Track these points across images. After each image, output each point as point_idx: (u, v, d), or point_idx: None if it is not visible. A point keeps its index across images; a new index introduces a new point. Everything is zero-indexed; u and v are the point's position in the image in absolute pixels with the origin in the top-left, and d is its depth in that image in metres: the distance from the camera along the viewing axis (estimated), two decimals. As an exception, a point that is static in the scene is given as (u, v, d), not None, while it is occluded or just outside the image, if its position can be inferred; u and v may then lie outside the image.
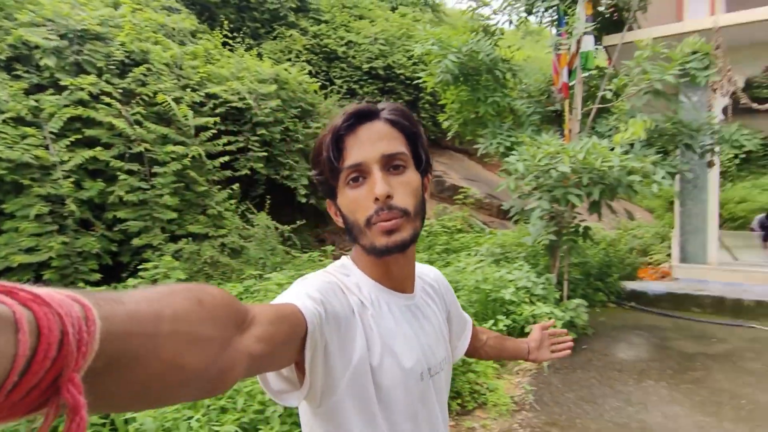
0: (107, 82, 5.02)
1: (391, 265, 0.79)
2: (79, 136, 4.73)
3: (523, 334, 4.65)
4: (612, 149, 4.46)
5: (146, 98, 5.13)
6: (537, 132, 5.85)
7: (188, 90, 5.56)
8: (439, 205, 10.31)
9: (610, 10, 6.54)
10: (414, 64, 9.95)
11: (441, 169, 10.33)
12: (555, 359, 1.30)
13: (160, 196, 4.91)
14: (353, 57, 9.93)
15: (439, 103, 6.88)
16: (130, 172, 4.86)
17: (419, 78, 6.26)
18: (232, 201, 5.55)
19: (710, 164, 6.01)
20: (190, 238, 4.92)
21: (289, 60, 9.09)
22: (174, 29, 6.20)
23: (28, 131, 4.45)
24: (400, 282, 0.82)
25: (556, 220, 5.41)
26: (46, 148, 4.50)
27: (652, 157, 4.56)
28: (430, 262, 6.71)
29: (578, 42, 5.68)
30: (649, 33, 6.25)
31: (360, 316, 0.72)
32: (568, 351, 1.23)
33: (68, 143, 4.62)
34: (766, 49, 6.35)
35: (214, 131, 5.51)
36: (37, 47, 4.76)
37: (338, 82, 9.59)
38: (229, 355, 0.44)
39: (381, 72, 10.03)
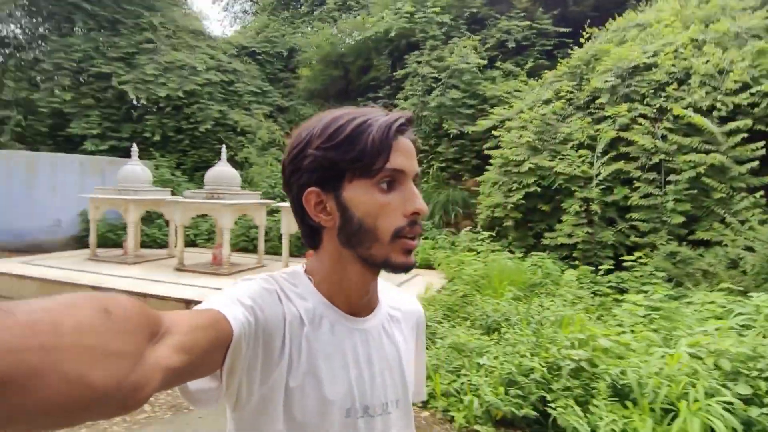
0: (647, 104, 5.98)
1: (353, 289, 0.73)
2: (615, 153, 6.06)
3: None
4: None
5: (675, 114, 5.66)
6: None
7: (719, 96, 5.47)
8: None
9: None
10: None
11: None
12: None
13: (672, 202, 5.40)
14: None
15: None
16: (647, 180, 5.66)
17: None
18: (758, 209, 5.00)
19: None
20: (689, 245, 5.11)
21: None
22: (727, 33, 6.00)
23: (582, 153, 6.31)
24: (355, 305, 0.74)
25: None
26: (591, 164, 6.18)
27: None
28: None
29: None
30: None
31: (290, 329, 0.66)
32: None
33: (607, 159, 6.08)
34: None
35: (744, 135, 5.15)
36: (597, 89, 6.49)
37: None
38: (142, 369, 0.40)
39: None
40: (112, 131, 11.09)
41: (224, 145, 8.02)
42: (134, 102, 11.13)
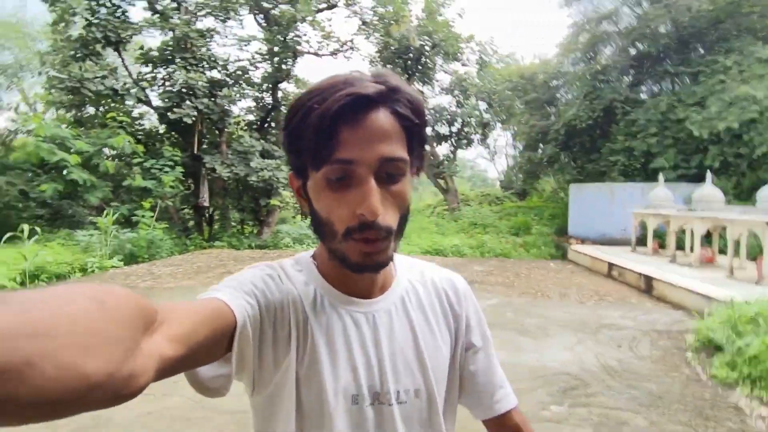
0: None
1: (355, 276, 0.68)
2: None
3: None
4: None
5: None
6: None
7: None
8: None
9: None
10: None
11: None
12: None
13: None
14: None
15: None
16: None
17: None
18: None
19: None
20: None
21: None
22: None
23: None
24: (357, 287, 0.71)
25: None
26: None
27: None
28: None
29: None
30: None
31: (295, 314, 0.66)
32: None
33: None
34: None
35: None
36: None
37: None
38: (137, 358, 0.40)
39: None
40: (683, 162, 14.20)
41: (708, 170, 9.73)
42: (700, 137, 13.68)
